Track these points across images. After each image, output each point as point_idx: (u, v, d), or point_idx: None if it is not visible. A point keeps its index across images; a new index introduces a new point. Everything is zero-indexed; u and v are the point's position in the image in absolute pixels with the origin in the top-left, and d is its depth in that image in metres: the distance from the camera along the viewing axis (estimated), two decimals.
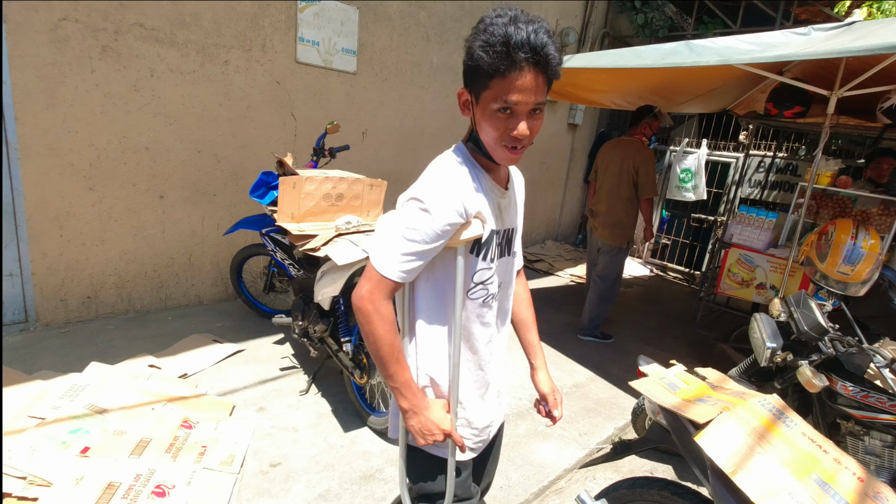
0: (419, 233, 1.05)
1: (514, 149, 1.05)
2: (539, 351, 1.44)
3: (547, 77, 0.99)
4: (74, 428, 2.11)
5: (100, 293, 3.28)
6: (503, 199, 1.19)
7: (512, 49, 0.93)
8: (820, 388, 1.93)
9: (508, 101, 0.98)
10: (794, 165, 5.50)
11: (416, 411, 1.13)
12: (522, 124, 1.01)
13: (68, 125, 2.92)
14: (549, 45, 0.95)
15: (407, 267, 1.07)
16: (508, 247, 1.25)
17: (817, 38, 2.65)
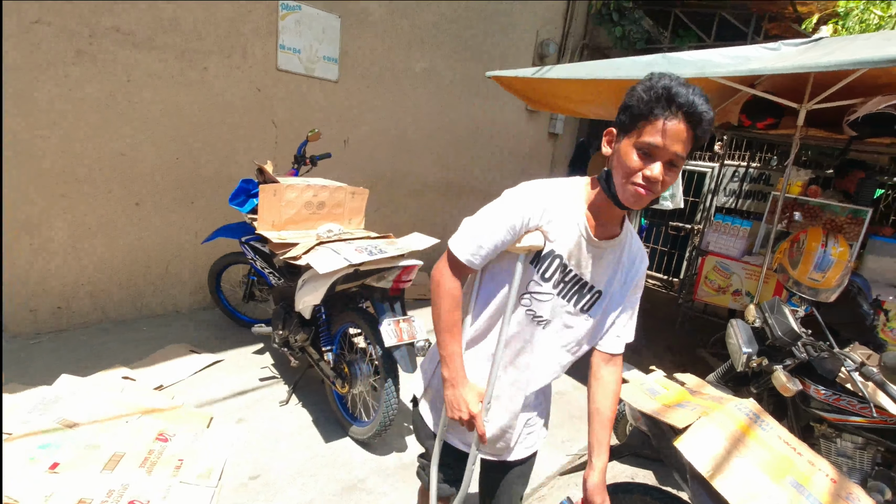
0: (491, 219, 1.18)
1: (644, 189, 1.06)
2: (603, 451, 1.27)
3: (695, 135, 1.04)
4: (44, 443, 2.03)
5: (72, 303, 3.18)
6: (591, 247, 1.19)
7: (672, 97, 1.01)
8: (794, 391, 1.98)
9: (653, 142, 1.03)
10: (766, 175, 5.66)
11: (454, 384, 1.24)
12: (657, 166, 1.04)
13: (38, 130, 2.85)
14: (704, 106, 1.02)
15: (472, 249, 1.19)
16: (579, 300, 1.23)
17: (787, 53, 2.74)
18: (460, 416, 1.23)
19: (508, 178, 6.28)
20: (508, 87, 3.95)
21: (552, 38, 6.09)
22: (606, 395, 1.29)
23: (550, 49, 6.01)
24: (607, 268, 1.23)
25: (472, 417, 1.23)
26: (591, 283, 1.22)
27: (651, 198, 1.09)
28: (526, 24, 5.85)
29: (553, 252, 1.18)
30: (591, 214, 1.18)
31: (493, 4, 5.35)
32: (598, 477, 1.25)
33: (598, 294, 1.24)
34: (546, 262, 1.19)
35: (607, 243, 1.20)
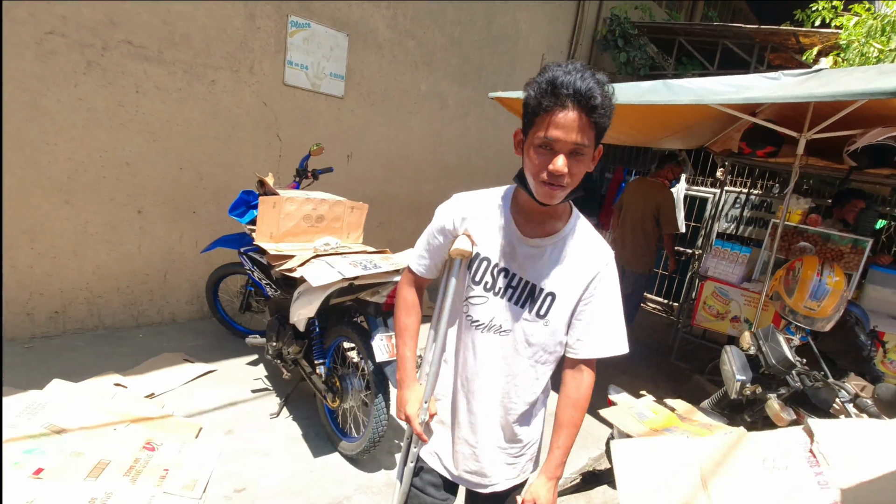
0: (428, 230, 1.29)
1: (552, 185, 1.05)
2: (554, 456, 1.22)
3: (592, 121, 1.02)
4: (30, 448, 2.03)
5: (69, 308, 3.20)
6: (523, 246, 1.18)
7: (557, 87, 0.99)
8: (788, 421, 1.95)
9: (548, 136, 1.02)
10: (768, 202, 5.66)
11: (401, 385, 1.34)
12: (560, 159, 1.02)
13: (48, 138, 2.90)
14: (594, 89, 0.99)
15: (419, 260, 1.32)
16: (531, 303, 1.18)
17: (787, 83, 2.78)
18: (399, 415, 1.34)
19: None
20: (511, 108, 3.99)
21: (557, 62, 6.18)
22: (565, 403, 1.25)
23: None
24: (553, 266, 1.18)
25: (407, 417, 1.30)
26: (540, 285, 1.18)
27: (563, 192, 1.07)
28: (531, 48, 5.95)
29: (479, 255, 1.20)
30: (520, 215, 1.19)
31: (500, 28, 5.45)
32: (542, 478, 1.22)
33: (552, 296, 1.18)
34: (475, 266, 1.21)
35: (544, 241, 1.18)
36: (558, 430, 1.23)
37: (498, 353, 1.21)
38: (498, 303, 1.19)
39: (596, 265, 1.19)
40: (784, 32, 5.38)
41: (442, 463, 1.33)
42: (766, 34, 5.55)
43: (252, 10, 3.54)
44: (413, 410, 1.30)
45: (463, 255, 1.20)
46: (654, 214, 4.31)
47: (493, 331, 1.20)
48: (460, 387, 1.27)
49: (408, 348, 1.32)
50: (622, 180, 6.91)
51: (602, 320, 1.20)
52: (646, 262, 4.40)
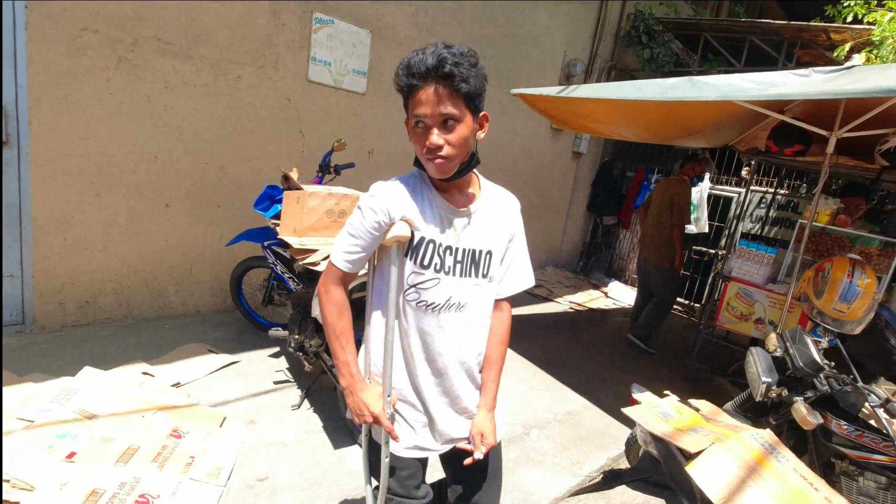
0: (355, 228, 1.22)
1: (434, 160, 1.12)
2: (489, 391, 1.37)
3: (454, 88, 1.07)
4: (62, 433, 2.09)
5: (98, 298, 3.28)
6: (458, 217, 1.25)
7: (410, 69, 1.08)
8: (814, 425, 1.91)
9: (417, 115, 1.10)
10: (794, 203, 5.54)
11: (352, 391, 1.26)
12: (433, 135, 1.10)
13: (80, 132, 2.98)
14: (446, 59, 1.05)
15: (347, 256, 1.23)
16: (476, 268, 1.27)
17: (817, 80, 2.71)
18: (365, 420, 1.26)
19: (530, 196, 6.29)
20: (533, 105, 3.97)
21: (579, 59, 6.12)
22: (493, 340, 1.36)
23: (577, 69, 6.04)
24: (484, 228, 1.28)
25: (375, 418, 1.25)
26: (480, 248, 1.27)
27: (450, 163, 1.13)
28: (553, 45, 5.90)
29: (424, 238, 1.22)
30: (440, 192, 1.25)
31: (520, 25, 5.42)
32: (482, 412, 1.35)
33: (489, 254, 1.29)
34: (420, 251, 1.22)
35: (472, 207, 1.26)
36: (490, 366, 1.36)
37: (460, 327, 1.29)
38: (451, 280, 1.25)
39: (512, 216, 1.34)
40: (814, 28, 5.25)
41: (424, 449, 1.35)
42: (795, 30, 5.42)
43: (276, 7, 3.58)
44: (379, 409, 1.26)
45: (400, 240, 1.22)
46: (669, 207, 4.49)
47: (452, 309, 1.26)
48: (424, 370, 1.30)
49: (348, 352, 1.26)
50: (644, 179, 6.83)
51: (518, 261, 1.36)
52: (664, 255, 4.55)
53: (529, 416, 3.15)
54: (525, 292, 6.12)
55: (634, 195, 6.89)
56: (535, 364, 3.96)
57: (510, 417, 3.08)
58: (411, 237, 1.22)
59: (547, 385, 3.64)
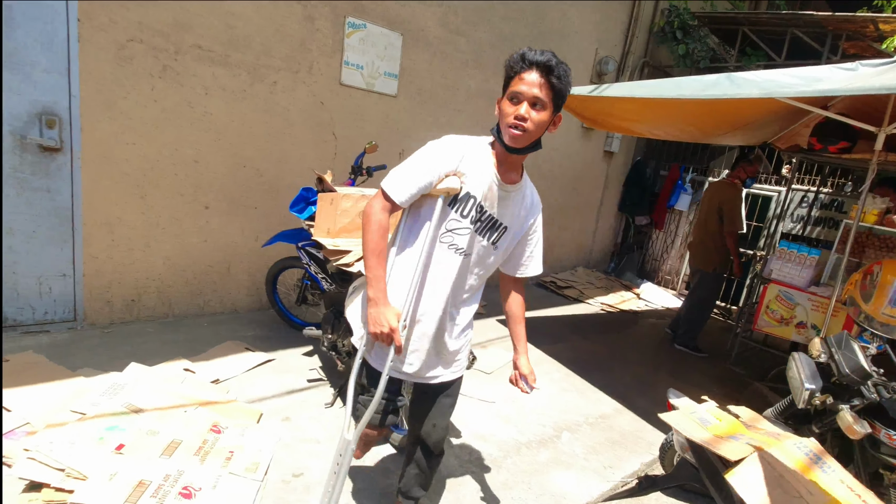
0: (417, 161, 1.45)
1: (516, 129, 1.36)
2: (523, 340, 1.70)
3: (550, 83, 1.35)
4: (111, 425, 2.19)
5: (142, 297, 3.43)
6: (501, 191, 1.49)
7: (525, 56, 1.36)
8: (862, 434, 1.84)
9: (516, 90, 1.36)
10: (839, 202, 5.32)
11: (377, 303, 1.44)
12: (523, 106, 1.36)
13: (126, 137, 3.11)
14: (552, 59, 1.35)
15: (403, 189, 1.43)
16: (490, 234, 1.52)
17: (864, 74, 2.59)
18: (381, 331, 1.43)
19: (560, 195, 6.23)
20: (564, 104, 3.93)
21: (611, 56, 6.02)
22: (517, 303, 1.71)
23: (609, 67, 5.95)
24: (512, 208, 1.53)
25: (391, 331, 1.43)
26: (501, 221, 1.52)
27: (526, 137, 1.37)
28: (584, 42, 5.83)
29: (469, 194, 1.46)
30: (498, 163, 1.48)
31: (550, 23, 5.37)
32: (524, 357, 1.68)
33: (505, 229, 1.54)
34: (463, 203, 1.46)
35: (512, 187, 1.51)
36: (519, 322, 1.70)
37: (465, 271, 1.55)
38: (476, 237, 1.51)
39: (537, 211, 1.62)
40: (861, 19, 5.02)
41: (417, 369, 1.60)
42: (839, 22, 5.19)
43: (311, 13, 3.65)
44: (396, 324, 1.44)
45: (450, 193, 1.43)
46: (717, 212, 4.42)
47: (459, 253, 1.50)
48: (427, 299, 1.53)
49: (382, 269, 1.46)
50: (678, 178, 6.67)
51: (538, 253, 1.67)
52: (710, 259, 4.52)
53: (560, 417, 3.13)
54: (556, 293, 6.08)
55: (668, 195, 6.74)
56: (566, 365, 3.93)
57: (540, 419, 3.06)
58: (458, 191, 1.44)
59: (578, 387, 3.61)
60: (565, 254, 6.74)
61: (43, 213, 2.94)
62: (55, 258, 3.03)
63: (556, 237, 6.45)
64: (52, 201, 2.95)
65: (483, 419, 2.94)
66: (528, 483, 2.45)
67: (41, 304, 3.04)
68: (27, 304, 3.00)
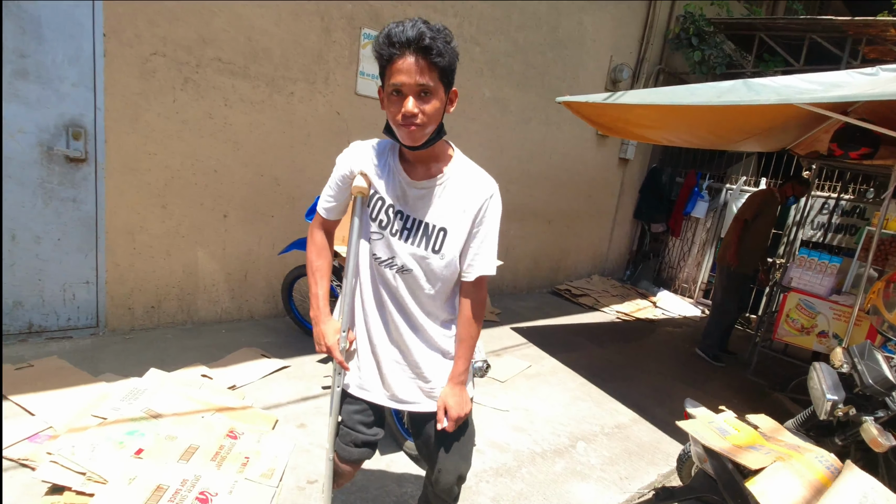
0: (331, 179, 1.41)
1: (408, 127, 1.18)
2: (459, 367, 1.42)
3: (431, 62, 1.14)
4: (131, 430, 2.24)
5: (163, 303, 3.49)
6: (411, 188, 1.33)
7: (391, 38, 1.13)
8: (887, 447, 1.79)
9: (395, 83, 1.15)
10: (861, 208, 5.21)
11: (316, 321, 1.43)
12: (409, 101, 1.15)
13: (148, 148, 3.20)
14: (425, 33, 1.12)
15: (324, 204, 1.43)
16: (426, 241, 1.33)
17: (885, 79, 2.55)
18: (320, 349, 1.42)
19: (575, 202, 6.20)
20: (578, 112, 3.94)
21: (626, 63, 6.01)
22: (463, 321, 1.42)
23: (624, 74, 5.93)
24: (443, 205, 1.32)
25: (328, 348, 1.41)
26: (432, 223, 1.33)
27: (422, 131, 1.19)
28: (599, 50, 5.83)
29: (375, 194, 1.35)
30: (406, 162, 1.34)
31: (565, 32, 5.39)
32: (447, 388, 1.42)
33: (444, 231, 1.33)
34: (372, 204, 1.36)
35: (430, 182, 1.32)
36: (460, 343, 1.43)
37: (407, 289, 1.37)
38: (395, 242, 1.34)
39: (481, 199, 1.33)
40: (881, 23, 4.94)
41: (367, 391, 1.47)
42: (859, 26, 5.12)
43: (328, 25, 3.72)
44: (333, 341, 1.41)
45: (361, 192, 1.35)
46: (739, 212, 4.53)
47: (395, 269, 1.36)
48: (375, 317, 1.42)
49: (320, 287, 1.43)
50: (695, 185, 6.60)
51: (488, 246, 1.37)
52: (729, 253, 4.46)
53: (576, 427, 3.10)
54: (571, 301, 6.04)
55: (684, 202, 6.67)
56: (582, 375, 3.89)
57: (555, 428, 3.04)
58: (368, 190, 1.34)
59: (594, 396, 3.57)
60: (580, 261, 6.70)
61: (69, 223, 3.02)
62: (79, 266, 3.11)
63: (572, 244, 6.42)
64: (78, 211, 3.04)
65: (497, 428, 2.93)
66: (544, 494, 2.43)
67: (65, 310, 3.12)
68: (52, 311, 3.08)
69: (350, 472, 1.58)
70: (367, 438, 1.50)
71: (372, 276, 1.41)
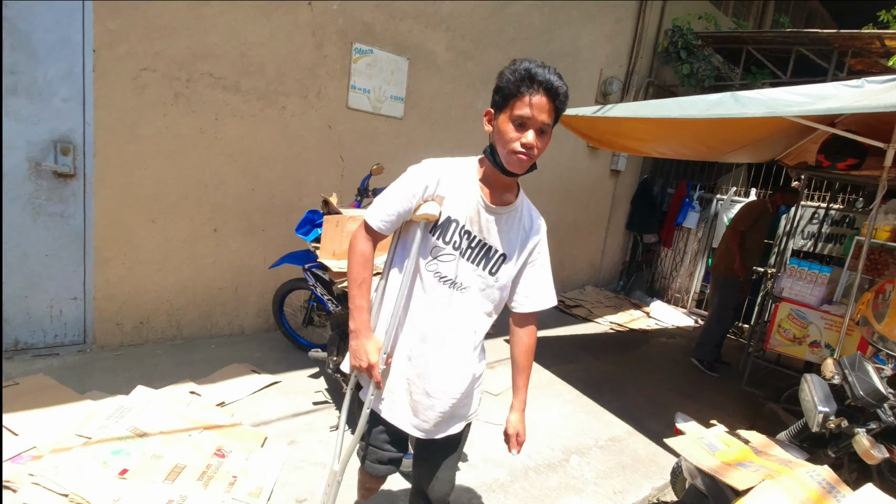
0: (395, 187, 1.38)
1: (523, 155, 1.27)
2: (521, 395, 1.54)
3: (556, 107, 1.26)
4: (117, 449, 2.20)
5: (152, 319, 3.46)
6: (487, 213, 1.37)
7: (533, 77, 1.23)
8: (879, 459, 1.79)
9: (523, 115, 1.24)
10: (850, 218, 5.25)
11: (358, 335, 1.40)
12: (530, 134, 1.25)
13: (139, 162, 3.19)
14: (561, 84, 1.26)
15: (384, 217, 1.37)
16: (486, 262, 1.39)
17: (871, 91, 2.59)
18: (360, 364, 1.39)
19: (568, 214, 6.23)
20: (568, 125, 3.97)
21: (616, 76, 6.08)
22: (521, 350, 1.53)
23: (614, 87, 5.99)
24: (508, 232, 1.41)
25: (370, 366, 1.38)
26: (495, 247, 1.39)
27: (530, 162, 1.29)
28: (590, 63, 5.89)
29: (450, 218, 1.36)
30: (485, 185, 1.38)
31: (558, 45, 5.45)
32: (516, 414, 1.53)
33: (503, 257, 1.40)
34: (444, 228, 1.36)
35: (503, 209, 1.39)
36: (521, 372, 1.53)
37: (458, 307, 1.40)
38: (461, 263, 1.38)
39: (538, 234, 1.47)
40: (867, 36, 5.03)
41: (399, 415, 1.48)
42: (845, 38, 5.21)
43: (320, 39, 3.74)
44: (376, 359, 1.39)
45: (429, 219, 1.34)
46: (734, 223, 4.61)
47: (454, 287, 1.39)
48: (419, 340, 1.42)
49: (364, 300, 1.39)
50: (685, 196, 6.65)
51: (543, 281, 1.49)
52: (723, 263, 4.56)
53: (570, 441, 3.08)
54: (564, 312, 6.04)
55: (675, 212, 6.71)
56: (576, 387, 3.87)
57: (550, 442, 3.01)
58: (438, 217, 1.35)
59: (588, 409, 3.55)
60: (574, 272, 6.70)
61: (57, 238, 3.00)
62: (67, 281, 3.07)
63: (565, 255, 6.43)
64: (67, 226, 3.01)
65: (491, 442, 2.90)
66: None
67: (52, 327, 3.08)
68: (39, 328, 3.04)
69: (377, 487, 1.68)
70: (393, 456, 1.55)
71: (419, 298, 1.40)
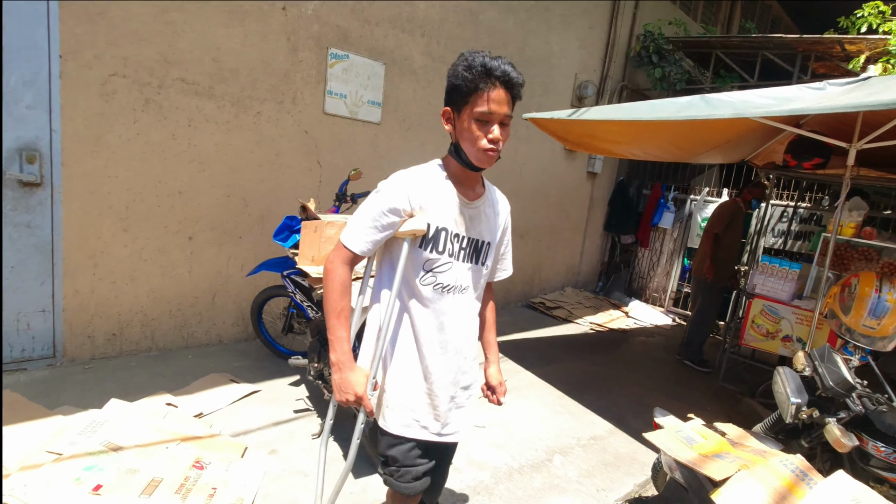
0: (371, 207, 1.34)
1: (491, 151, 1.28)
2: (494, 348, 1.65)
3: (513, 96, 1.28)
4: (89, 465, 2.13)
5: (125, 330, 3.37)
6: (467, 209, 1.40)
7: (490, 71, 1.23)
8: (849, 447, 1.85)
9: (485, 111, 1.24)
10: (818, 215, 5.43)
11: (340, 368, 1.35)
12: (496, 129, 1.27)
13: (109, 170, 3.11)
14: (514, 73, 1.26)
15: (360, 238, 1.34)
16: (476, 256, 1.44)
17: (833, 93, 2.69)
18: (346, 398, 1.34)
19: (546, 217, 6.29)
20: (545, 128, 4.01)
21: (591, 81, 6.18)
22: (490, 308, 1.66)
23: (589, 91, 6.09)
24: (488, 220, 1.46)
25: (358, 398, 1.34)
26: (482, 239, 1.44)
27: (497, 156, 1.30)
28: (564, 68, 5.97)
29: (438, 227, 1.35)
30: (457, 183, 1.38)
31: (533, 51, 5.52)
32: (494, 366, 1.62)
33: (488, 245, 1.47)
34: (434, 239, 1.35)
35: (479, 201, 1.42)
36: (490, 328, 1.65)
37: (466, 309, 1.44)
38: (458, 265, 1.39)
39: (505, 210, 1.56)
40: (828, 41, 5.22)
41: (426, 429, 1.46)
42: (808, 43, 5.40)
43: (295, 45, 3.72)
44: (362, 391, 1.35)
45: (416, 234, 1.32)
46: (709, 226, 4.77)
47: (456, 292, 1.40)
48: (439, 353, 1.41)
49: (344, 329, 1.35)
50: (661, 197, 6.78)
51: (508, 254, 1.62)
52: (705, 266, 4.65)
53: (552, 441, 3.10)
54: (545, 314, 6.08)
55: (651, 213, 6.83)
56: (558, 387, 3.90)
57: (532, 443, 3.02)
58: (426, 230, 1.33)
59: (570, 408, 3.58)
60: (553, 274, 6.76)
61: (23, 249, 2.90)
62: (35, 294, 2.98)
63: (545, 258, 6.49)
64: (34, 236, 2.92)
65: (475, 445, 2.90)
66: None
67: (19, 341, 2.98)
68: (5, 342, 2.93)
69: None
70: (425, 468, 1.51)
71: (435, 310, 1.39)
